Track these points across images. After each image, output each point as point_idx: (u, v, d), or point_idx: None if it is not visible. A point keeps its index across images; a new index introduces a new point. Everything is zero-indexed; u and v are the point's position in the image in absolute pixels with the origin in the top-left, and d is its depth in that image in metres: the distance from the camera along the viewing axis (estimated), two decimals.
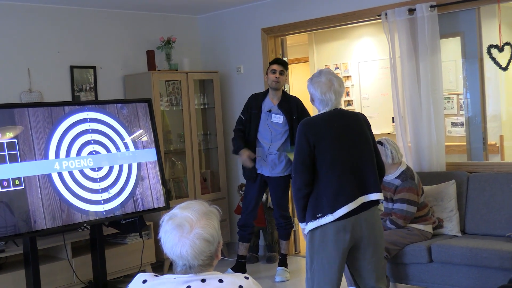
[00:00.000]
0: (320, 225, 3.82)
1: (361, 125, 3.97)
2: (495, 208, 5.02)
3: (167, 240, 2.16)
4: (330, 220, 3.79)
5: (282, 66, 5.75)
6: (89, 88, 6.39)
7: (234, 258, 6.74)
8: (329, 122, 3.87)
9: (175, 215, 2.18)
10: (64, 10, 6.22)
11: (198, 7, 6.92)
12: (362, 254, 3.94)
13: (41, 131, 4.85)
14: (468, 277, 4.62)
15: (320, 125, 3.86)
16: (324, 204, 3.80)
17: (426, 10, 5.37)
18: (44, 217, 4.76)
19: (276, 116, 5.71)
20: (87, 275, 5.52)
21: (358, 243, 3.91)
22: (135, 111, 5.48)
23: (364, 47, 8.62)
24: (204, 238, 2.14)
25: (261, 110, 5.77)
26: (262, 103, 5.79)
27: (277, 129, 5.71)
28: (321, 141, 3.81)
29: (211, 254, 2.17)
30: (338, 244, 3.83)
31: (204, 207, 2.21)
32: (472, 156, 6.18)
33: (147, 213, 5.52)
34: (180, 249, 2.13)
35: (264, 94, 5.87)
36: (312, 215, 3.84)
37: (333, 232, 3.82)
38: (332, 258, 3.86)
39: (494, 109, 7.02)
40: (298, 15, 6.41)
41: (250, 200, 5.86)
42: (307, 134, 3.82)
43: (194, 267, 2.15)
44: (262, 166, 5.76)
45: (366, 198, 3.87)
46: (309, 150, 3.81)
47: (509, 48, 5.31)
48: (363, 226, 3.87)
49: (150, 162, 5.47)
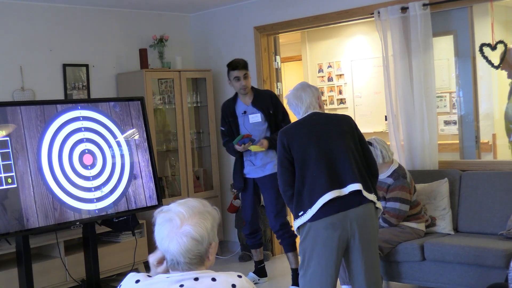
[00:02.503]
0: (307, 222, 3.86)
1: (337, 122, 4.08)
2: (487, 206, 5.03)
3: (157, 232, 2.16)
4: (311, 214, 3.83)
5: (244, 69, 5.51)
6: (82, 87, 6.37)
7: (228, 257, 6.76)
8: (301, 123, 4.09)
9: (169, 210, 2.16)
10: (56, 8, 6.20)
11: (191, 5, 6.91)
12: (352, 253, 3.94)
13: (34, 129, 4.83)
14: (461, 275, 4.63)
15: (293, 127, 4.11)
16: (304, 201, 3.88)
17: (419, 8, 5.37)
18: (37, 215, 4.74)
19: (253, 116, 5.52)
20: (80, 274, 5.51)
21: (350, 241, 3.90)
22: (127, 110, 5.46)
23: (357, 46, 8.63)
24: (192, 237, 2.11)
25: (236, 116, 5.58)
26: (235, 108, 5.59)
27: (257, 128, 5.52)
28: (293, 141, 3.98)
29: (199, 254, 2.14)
30: (327, 242, 3.84)
31: (201, 206, 2.18)
32: (464, 155, 6.20)
33: (140, 211, 5.51)
34: (168, 243, 2.11)
35: (234, 98, 5.64)
36: (295, 214, 3.94)
37: (321, 230, 3.84)
38: (322, 256, 3.86)
39: (487, 107, 7.04)
40: (291, 13, 6.41)
41: (248, 208, 5.68)
42: (282, 137, 4.03)
43: (181, 264, 2.13)
44: (251, 171, 5.58)
45: (345, 190, 3.86)
46: (285, 151, 3.99)
47: (502, 46, 5.32)
48: (353, 224, 3.86)
49: (143, 160, 5.46)
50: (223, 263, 6.45)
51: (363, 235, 3.90)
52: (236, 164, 5.66)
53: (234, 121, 5.58)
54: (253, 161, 5.54)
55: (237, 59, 5.59)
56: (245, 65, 5.55)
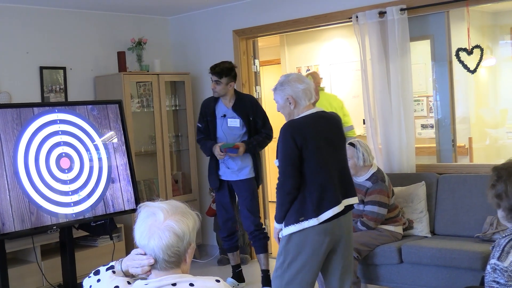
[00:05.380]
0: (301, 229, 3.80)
1: (341, 127, 4.04)
2: (464, 209, 5.08)
3: (138, 227, 2.15)
4: (314, 224, 3.77)
5: (215, 75, 5.44)
6: (59, 89, 6.32)
7: (206, 260, 6.74)
8: (314, 124, 3.83)
9: (153, 205, 2.17)
10: (33, 10, 6.15)
11: (170, 9, 6.90)
12: (336, 256, 3.96)
13: (10, 132, 4.78)
14: (438, 278, 4.66)
15: (306, 128, 3.80)
16: (309, 208, 3.77)
17: (396, 13, 5.41)
18: (13, 219, 4.69)
19: (232, 120, 5.49)
20: (56, 278, 5.47)
21: (335, 245, 3.92)
22: (105, 113, 5.43)
23: (336, 49, 8.67)
24: (174, 232, 2.12)
25: (215, 116, 5.55)
26: (215, 108, 5.56)
27: (234, 133, 5.50)
28: (308, 144, 3.75)
29: (179, 252, 2.14)
30: (316, 247, 3.83)
31: (184, 207, 2.21)
32: (441, 158, 6.25)
33: (117, 215, 5.47)
34: (149, 237, 2.11)
35: (216, 98, 5.59)
36: (295, 219, 3.80)
37: (313, 235, 3.80)
38: (310, 260, 3.85)
39: (463, 111, 7.12)
40: (270, 17, 6.42)
41: (224, 209, 5.67)
42: (294, 136, 3.75)
43: (159, 261, 2.13)
44: (226, 173, 5.58)
45: (347, 202, 3.92)
46: (298, 152, 3.76)
47: (478, 51, 5.38)
48: (341, 229, 3.90)
49: (121, 164, 5.43)
50: (202, 266, 6.44)
51: (348, 239, 3.97)
52: (210, 164, 5.66)
53: (212, 121, 5.56)
54: (228, 164, 5.54)
55: (220, 64, 5.50)
56: (221, 72, 5.43)
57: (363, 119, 6.52)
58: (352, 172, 5.03)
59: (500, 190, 2.75)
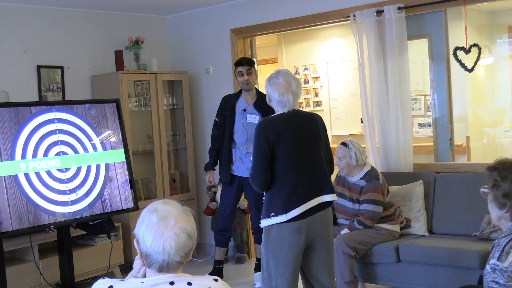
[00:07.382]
0: (274, 224, 3.86)
1: (317, 126, 4.04)
2: (461, 208, 5.08)
3: (148, 233, 2.10)
4: (283, 220, 3.83)
5: (247, 65, 5.60)
6: (57, 88, 6.31)
7: (204, 259, 6.74)
8: (287, 123, 3.91)
9: (158, 209, 2.15)
10: (30, 9, 6.13)
11: (167, 8, 6.89)
12: (316, 254, 4.00)
13: (7, 131, 4.78)
14: (435, 277, 4.67)
15: (279, 126, 3.89)
16: (278, 204, 3.85)
17: (393, 12, 5.42)
18: (11, 218, 4.69)
19: (252, 116, 5.58)
20: (54, 277, 5.47)
21: (312, 243, 3.96)
22: (103, 112, 5.43)
23: (333, 48, 8.66)
24: (187, 232, 2.12)
25: (234, 112, 5.64)
26: (236, 104, 5.67)
27: (253, 129, 5.57)
28: (279, 142, 3.85)
29: (188, 251, 2.15)
30: (293, 245, 3.88)
31: (179, 205, 2.21)
32: (439, 157, 6.25)
33: (115, 214, 5.48)
34: (163, 242, 2.09)
35: (237, 95, 5.75)
36: (266, 213, 3.91)
37: (288, 233, 3.86)
38: (287, 258, 3.89)
39: (461, 110, 7.11)
40: (267, 16, 6.42)
41: (227, 204, 5.76)
42: (267, 133, 3.86)
43: (172, 264, 2.11)
44: (239, 167, 5.65)
45: (320, 200, 3.93)
46: (269, 149, 3.85)
47: (476, 49, 5.38)
48: (317, 226, 3.93)
49: (118, 163, 5.43)
50: (200, 265, 6.44)
51: (326, 235, 4.00)
52: (224, 157, 5.71)
53: (230, 116, 5.65)
54: (243, 159, 5.61)
55: (243, 57, 5.89)
56: (249, 61, 5.71)
57: (360, 118, 6.52)
58: (346, 172, 5.06)
59: (507, 189, 2.70)
